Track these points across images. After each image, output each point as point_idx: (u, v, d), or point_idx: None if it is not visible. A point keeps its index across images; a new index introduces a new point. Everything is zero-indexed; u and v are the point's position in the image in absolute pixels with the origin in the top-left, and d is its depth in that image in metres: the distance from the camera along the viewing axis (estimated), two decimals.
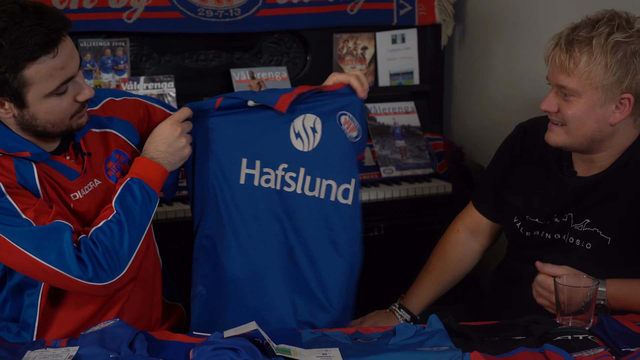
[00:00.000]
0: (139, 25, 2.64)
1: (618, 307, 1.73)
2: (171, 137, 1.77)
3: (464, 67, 3.18)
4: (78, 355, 1.48)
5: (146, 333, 1.58)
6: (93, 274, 1.60)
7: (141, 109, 1.91)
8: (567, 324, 1.63)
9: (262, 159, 1.89)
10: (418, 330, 1.61)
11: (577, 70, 1.73)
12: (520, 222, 1.96)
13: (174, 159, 1.77)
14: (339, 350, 1.50)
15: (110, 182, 1.78)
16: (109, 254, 1.62)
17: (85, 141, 1.77)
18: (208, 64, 2.81)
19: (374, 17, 2.94)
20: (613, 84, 1.73)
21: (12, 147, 1.65)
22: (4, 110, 1.63)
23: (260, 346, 1.47)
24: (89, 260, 1.60)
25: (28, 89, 1.58)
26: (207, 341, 1.48)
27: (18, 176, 1.63)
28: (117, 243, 1.64)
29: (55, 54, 1.57)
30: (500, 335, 1.60)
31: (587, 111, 1.76)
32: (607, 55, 1.71)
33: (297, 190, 1.90)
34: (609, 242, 1.80)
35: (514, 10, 2.88)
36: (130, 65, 2.67)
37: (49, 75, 1.58)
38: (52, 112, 1.63)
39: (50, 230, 1.59)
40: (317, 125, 1.90)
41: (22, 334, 1.75)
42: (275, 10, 2.79)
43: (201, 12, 2.70)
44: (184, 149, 1.79)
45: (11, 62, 1.54)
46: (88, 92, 1.66)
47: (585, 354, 1.48)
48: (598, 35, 1.72)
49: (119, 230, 1.65)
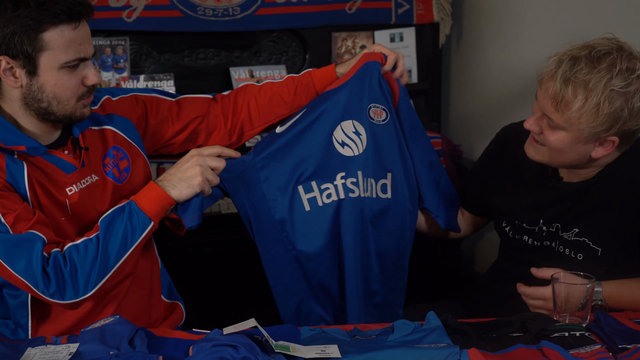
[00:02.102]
0: (139, 23, 2.63)
1: (614, 306, 1.73)
2: (184, 162, 1.71)
3: (461, 66, 3.17)
4: (78, 352, 1.48)
5: (146, 330, 1.57)
6: (55, 289, 1.57)
7: (139, 105, 1.91)
8: (564, 320, 1.63)
9: (316, 179, 1.89)
10: (416, 327, 1.61)
11: (568, 112, 1.68)
12: (509, 227, 1.95)
13: (180, 184, 1.68)
14: (337, 347, 1.50)
15: (107, 178, 1.77)
16: (76, 273, 1.58)
17: (84, 137, 1.76)
18: (207, 62, 2.80)
19: (373, 16, 2.93)
20: (600, 131, 1.70)
21: (9, 140, 1.64)
22: (13, 79, 1.62)
23: (260, 343, 1.46)
24: (54, 276, 1.57)
25: (43, 53, 1.59)
26: (207, 338, 1.48)
27: (8, 174, 1.62)
28: (89, 264, 1.59)
29: (76, 26, 1.60)
30: (498, 332, 1.60)
31: (569, 145, 1.74)
32: (600, 104, 1.66)
33: (362, 194, 1.91)
34: (600, 252, 1.79)
35: (510, 9, 2.88)
36: (130, 63, 2.67)
37: (67, 46, 1.60)
38: (61, 86, 1.63)
39: (22, 240, 1.56)
40: (358, 127, 1.90)
41: (19, 331, 1.74)
42: (274, 9, 2.78)
43: (200, 10, 2.69)
44: (193, 179, 1.68)
45: (33, 22, 1.56)
46: (94, 77, 1.66)
47: (582, 351, 1.48)
48: (597, 80, 1.65)
49: (94, 252, 1.60)
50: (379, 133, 1.92)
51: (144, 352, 1.46)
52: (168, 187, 1.68)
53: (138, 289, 1.83)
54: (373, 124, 1.91)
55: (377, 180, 1.93)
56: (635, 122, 1.69)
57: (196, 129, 1.98)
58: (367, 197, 1.91)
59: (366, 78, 1.90)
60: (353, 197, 1.90)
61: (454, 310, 2.10)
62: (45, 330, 1.73)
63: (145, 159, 1.88)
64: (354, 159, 1.90)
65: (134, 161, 1.83)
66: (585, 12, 1.92)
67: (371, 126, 1.91)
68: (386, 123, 1.93)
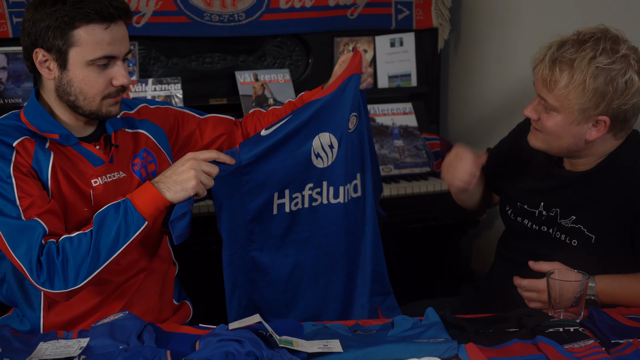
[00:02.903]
0: (148, 29, 2.64)
1: (607, 302, 1.73)
2: (179, 164, 1.70)
3: (459, 70, 3.18)
4: (89, 346, 1.49)
5: (154, 325, 1.58)
6: (46, 278, 1.58)
7: (171, 117, 1.95)
8: (558, 316, 1.63)
9: (290, 187, 1.89)
10: (415, 322, 1.61)
11: (557, 90, 1.73)
12: (512, 210, 1.98)
13: (174, 187, 1.67)
14: (339, 342, 1.50)
15: (134, 176, 1.80)
16: (67, 265, 1.59)
17: (116, 136, 1.79)
18: (214, 66, 2.81)
19: (374, 22, 2.94)
20: (589, 108, 1.73)
21: (44, 128, 1.69)
22: (47, 71, 1.68)
23: (264, 338, 1.47)
24: (46, 265, 1.58)
25: (73, 49, 1.64)
26: (213, 333, 1.49)
27: (34, 160, 1.65)
28: (80, 257, 1.59)
29: (107, 26, 1.64)
30: (495, 327, 1.60)
31: (564, 127, 1.77)
32: (585, 80, 1.70)
33: (324, 201, 1.92)
34: (593, 240, 1.80)
35: (507, 14, 2.88)
36: (139, 67, 2.68)
37: (95, 44, 1.64)
38: (87, 82, 1.66)
39: (26, 227, 1.59)
40: (333, 141, 1.90)
41: (27, 316, 1.75)
42: (278, 15, 2.79)
43: (207, 16, 2.70)
44: (187, 182, 1.66)
45: (67, 19, 1.61)
46: (123, 78, 1.69)
47: (576, 345, 1.48)
48: (581, 58, 1.71)
49: (87, 245, 1.60)
50: (351, 140, 1.94)
51: (152, 346, 1.47)
52: (163, 189, 1.66)
53: (150, 287, 1.84)
54: (348, 134, 1.93)
55: (350, 183, 1.95)
56: (622, 100, 1.72)
57: (221, 145, 2.02)
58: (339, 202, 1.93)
59: (349, 92, 1.91)
60: (315, 205, 1.92)
61: (452, 307, 2.10)
62: (55, 317, 1.74)
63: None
64: (322, 170, 1.91)
65: (160, 166, 1.85)
66: (583, 16, 1.93)
67: (347, 136, 1.92)
68: (356, 127, 1.96)
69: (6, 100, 2.50)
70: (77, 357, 1.45)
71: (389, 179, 2.82)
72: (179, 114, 1.98)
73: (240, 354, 1.40)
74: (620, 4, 2.34)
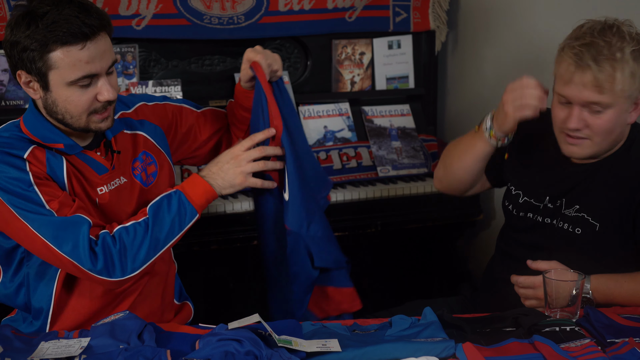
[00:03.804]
0: (148, 31, 2.64)
1: (602, 301, 1.73)
2: (222, 162, 1.76)
3: (456, 72, 3.18)
4: (89, 346, 1.48)
5: (154, 325, 1.57)
6: (102, 266, 1.60)
7: (170, 113, 1.93)
8: (555, 316, 1.63)
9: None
10: (413, 322, 1.61)
11: (612, 86, 1.71)
12: (512, 205, 1.97)
13: (223, 183, 1.75)
14: (337, 341, 1.50)
15: (135, 181, 1.79)
16: (125, 253, 1.62)
17: (116, 140, 1.78)
18: (213, 68, 2.81)
19: (371, 24, 2.94)
20: (634, 92, 1.74)
21: (48, 138, 1.66)
22: (33, 91, 1.65)
23: (263, 337, 1.47)
24: (102, 255, 1.60)
25: (52, 72, 1.59)
26: (212, 332, 1.48)
27: (48, 167, 1.64)
28: (137, 246, 1.63)
29: (83, 46, 1.58)
30: (492, 326, 1.60)
31: (616, 120, 1.76)
32: (633, 69, 1.71)
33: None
34: (598, 228, 1.81)
35: (504, 17, 2.88)
36: (139, 69, 2.67)
37: (72, 65, 1.59)
38: (71, 102, 1.63)
39: (69, 223, 1.59)
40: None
41: (34, 322, 1.75)
42: (277, 18, 2.79)
43: (207, 19, 2.70)
44: (235, 179, 1.75)
45: (41, 42, 1.56)
46: (107, 93, 1.64)
47: (572, 345, 1.48)
48: (617, 50, 1.70)
49: (143, 234, 1.64)
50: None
51: (152, 346, 1.46)
52: (212, 183, 1.73)
53: (153, 289, 1.83)
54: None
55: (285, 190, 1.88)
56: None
57: (220, 140, 2.01)
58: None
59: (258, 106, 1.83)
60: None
61: (450, 307, 2.10)
62: (62, 322, 1.74)
63: (171, 165, 1.90)
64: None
65: (161, 167, 1.84)
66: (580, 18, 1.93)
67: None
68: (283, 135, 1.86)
69: (8, 102, 2.50)
70: (77, 357, 1.45)
71: (387, 180, 2.82)
72: (177, 109, 1.95)
73: (240, 353, 1.40)
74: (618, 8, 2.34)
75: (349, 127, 2.89)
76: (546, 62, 2.57)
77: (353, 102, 2.94)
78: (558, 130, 1.83)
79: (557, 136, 1.85)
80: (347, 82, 2.96)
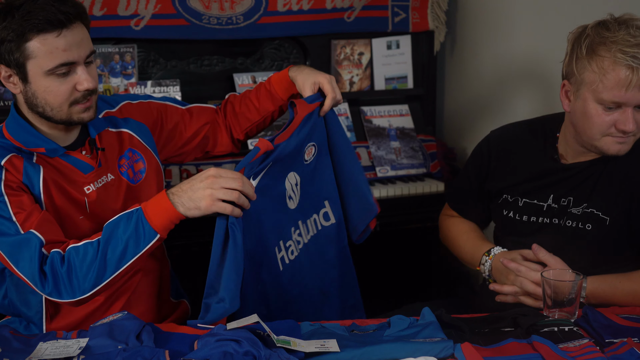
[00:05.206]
0: (147, 32, 2.63)
1: (595, 303, 1.73)
2: (197, 180, 1.58)
3: (455, 72, 3.18)
4: (88, 346, 1.48)
5: (153, 325, 1.57)
6: (52, 288, 1.56)
7: (154, 111, 1.92)
8: (553, 316, 1.63)
9: (282, 237, 1.81)
10: (412, 322, 1.61)
11: None
12: (513, 211, 1.95)
13: (189, 203, 1.57)
14: (336, 342, 1.50)
15: (122, 179, 1.78)
16: (73, 274, 1.56)
17: (100, 138, 1.77)
18: (212, 68, 2.81)
19: (370, 25, 2.93)
20: None
21: (29, 142, 1.65)
22: (13, 85, 1.64)
23: (262, 338, 1.46)
24: (51, 275, 1.56)
25: (29, 61, 1.59)
26: (211, 333, 1.48)
27: (24, 176, 1.63)
28: (86, 267, 1.56)
29: (59, 33, 1.58)
30: (490, 327, 1.60)
31: None
32: None
33: (305, 240, 1.88)
34: (608, 222, 1.81)
35: (502, 17, 2.88)
36: (138, 70, 2.67)
37: (50, 53, 1.58)
38: (50, 92, 1.62)
39: (23, 240, 1.57)
40: (297, 178, 1.85)
41: (31, 325, 1.75)
42: (276, 18, 2.79)
43: (205, 19, 2.70)
44: (201, 200, 1.56)
45: (18, 32, 1.56)
46: (86, 83, 1.63)
47: (571, 345, 1.48)
48: None
49: (93, 255, 1.56)
50: (309, 171, 1.87)
51: (150, 346, 1.46)
52: (177, 204, 1.57)
53: (147, 287, 1.83)
54: (305, 165, 1.86)
55: (318, 212, 1.90)
56: None
57: (206, 134, 2.00)
58: (311, 236, 1.89)
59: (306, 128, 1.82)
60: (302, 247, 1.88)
61: (449, 307, 2.10)
62: (57, 324, 1.73)
63: (159, 163, 1.89)
64: (294, 210, 1.85)
65: (149, 164, 1.83)
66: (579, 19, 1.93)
67: (303, 168, 1.85)
68: (314, 156, 1.88)
69: (6, 102, 2.50)
70: (76, 357, 1.45)
71: (386, 180, 2.82)
72: (161, 107, 1.94)
73: (238, 353, 1.39)
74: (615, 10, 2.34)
75: (348, 127, 2.89)
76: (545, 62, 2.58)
77: (352, 102, 2.93)
78: (599, 135, 1.78)
79: (595, 141, 1.80)
80: (346, 82, 2.96)
